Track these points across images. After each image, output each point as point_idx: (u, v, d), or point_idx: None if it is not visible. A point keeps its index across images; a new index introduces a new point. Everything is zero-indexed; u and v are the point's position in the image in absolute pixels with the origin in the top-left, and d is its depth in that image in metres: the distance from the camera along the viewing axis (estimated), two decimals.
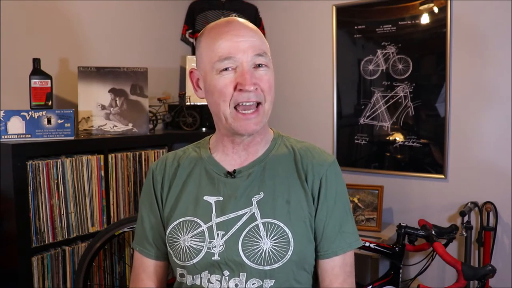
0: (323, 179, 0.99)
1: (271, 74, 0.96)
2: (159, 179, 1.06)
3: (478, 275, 1.58)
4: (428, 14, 2.30)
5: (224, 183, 1.00)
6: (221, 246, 0.94)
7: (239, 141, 1.00)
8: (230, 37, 0.93)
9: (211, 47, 0.94)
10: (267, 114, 0.97)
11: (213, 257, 0.94)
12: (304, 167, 1.00)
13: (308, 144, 1.07)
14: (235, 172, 1.00)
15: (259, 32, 0.99)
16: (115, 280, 1.96)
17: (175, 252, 0.99)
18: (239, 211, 0.96)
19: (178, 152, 1.10)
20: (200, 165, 1.04)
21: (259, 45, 0.95)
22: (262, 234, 0.94)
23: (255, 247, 0.93)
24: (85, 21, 2.24)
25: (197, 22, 2.75)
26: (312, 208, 0.98)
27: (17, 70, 1.93)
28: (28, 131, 1.76)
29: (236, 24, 0.96)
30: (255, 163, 1.01)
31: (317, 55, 2.68)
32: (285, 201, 0.97)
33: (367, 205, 2.41)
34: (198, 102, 2.46)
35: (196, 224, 0.98)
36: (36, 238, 1.68)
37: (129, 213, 2.00)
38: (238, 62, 0.92)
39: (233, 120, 0.94)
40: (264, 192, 0.97)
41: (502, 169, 2.14)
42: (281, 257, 0.93)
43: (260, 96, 0.94)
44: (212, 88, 0.95)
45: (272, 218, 0.95)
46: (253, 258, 0.93)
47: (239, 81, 0.91)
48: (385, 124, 2.47)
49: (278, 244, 0.93)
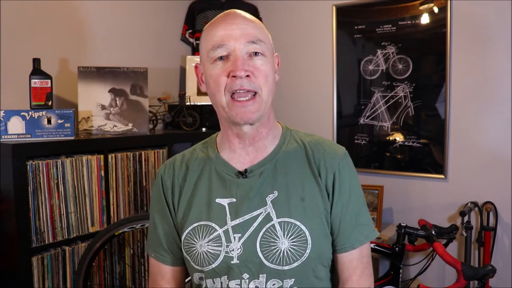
0: (336, 173, 0.98)
1: (267, 64, 0.94)
2: (168, 184, 1.03)
3: (478, 275, 1.58)
4: (428, 14, 2.30)
5: (236, 184, 0.97)
6: (239, 249, 0.93)
7: (243, 134, 0.97)
8: (224, 26, 0.93)
9: (207, 37, 0.95)
10: (265, 103, 0.94)
11: (232, 260, 0.93)
12: (317, 161, 0.99)
13: (318, 137, 1.05)
14: (247, 172, 0.97)
15: (258, 22, 0.98)
16: (115, 280, 1.96)
17: (192, 258, 0.97)
18: (253, 212, 0.95)
19: (186, 154, 1.08)
20: (209, 166, 1.02)
21: (253, 33, 0.93)
22: (279, 234, 0.92)
23: (273, 247, 0.92)
24: (85, 21, 2.24)
25: (197, 22, 2.75)
26: (327, 203, 0.97)
27: (17, 70, 1.93)
28: (28, 131, 1.76)
29: (232, 14, 0.95)
30: (266, 161, 0.99)
31: (317, 55, 2.68)
32: (300, 198, 0.95)
33: (367, 205, 2.39)
34: (198, 102, 2.46)
35: (212, 228, 0.96)
36: (36, 238, 1.68)
37: (129, 213, 2.00)
38: (230, 49, 0.91)
39: (230, 108, 0.92)
40: (278, 190, 0.96)
41: (502, 169, 2.14)
42: (300, 255, 0.92)
43: (254, 85, 0.91)
44: (208, 78, 0.95)
45: (288, 217, 0.93)
46: (272, 259, 0.92)
47: (231, 68, 0.90)
48: (385, 124, 2.47)
49: (296, 243, 0.92)
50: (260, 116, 0.93)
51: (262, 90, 0.92)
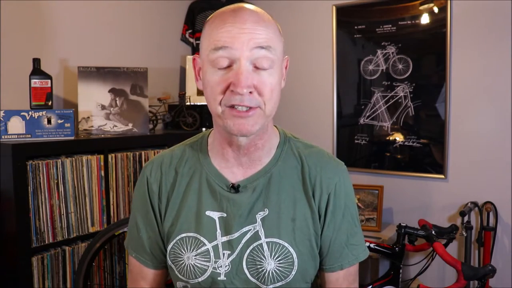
0: (331, 194, 0.94)
1: (275, 76, 0.85)
2: (155, 189, 0.97)
3: (478, 275, 1.58)
4: (428, 14, 2.30)
5: (227, 199, 0.92)
6: (227, 267, 0.91)
7: (236, 143, 0.89)
8: (231, 25, 0.81)
9: (211, 33, 0.84)
10: (267, 117, 0.86)
11: (219, 277, 0.91)
12: (312, 180, 0.94)
13: (317, 149, 0.99)
14: (239, 187, 0.93)
15: (270, 21, 0.86)
16: (115, 280, 1.96)
17: (178, 268, 0.94)
18: (243, 229, 0.92)
19: (174, 154, 1.00)
20: (200, 173, 0.96)
21: (263, 37, 0.82)
22: (266, 255, 0.90)
23: (258, 266, 0.90)
24: (85, 21, 2.24)
25: (197, 22, 2.75)
26: (317, 225, 0.93)
27: (17, 70, 1.93)
28: (28, 131, 1.76)
29: (243, 12, 0.83)
30: (260, 175, 0.93)
31: (317, 55, 2.68)
32: (291, 219, 0.92)
33: (367, 205, 2.41)
34: (198, 102, 2.46)
35: (200, 242, 0.92)
36: (36, 238, 1.68)
37: (129, 213, 2.00)
38: (235, 57, 0.81)
39: (226, 117, 0.83)
40: (269, 208, 0.92)
41: (502, 169, 2.14)
42: (285, 276, 0.90)
43: (257, 101, 0.82)
44: (205, 82, 0.86)
45: (277, 237, 0.90)
46: (257, 277, 0.91)
47: (233, 80, 0.80)
48: (385, 124, 2.47)
49: (282, 264, 0.90)
50: (260, 128, 0.86)
51: (266, 106, 0.84)
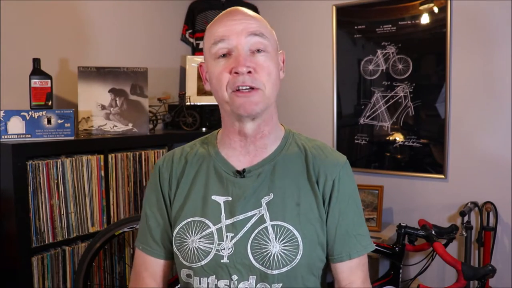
0: (336, 180, 0.96)
1: (270, 61, 0.93)
2: (166, 176, 1.03)
3: (478, 275, 1.58)
4: (428, 14, 2.30)
5: (233, 183, 0.97)
6: (230, 249, 0.92)
7: (245, 132, 0.95)
8: (226, 21, 0.93)
9: (209, 34, 0.95)
10: (268, 98, 0.93)
11: (222, 259, 0.92)
12: (316, 168, 0.97)
13: (320, 143, 1.04)
14: (245, 172, 0.97)
15: (261, 18, 0.97)
16: (115, 280, 1.96)
17: (182, 253, 0.96)
18: (248, 213, 0.94)
19: (186, 147, 1.08)
20: (208, 162, 1.01)
21: (255, 26, 0.92)
22: (271, 237, 0.92)
23: (264, 250, 0.91)
24: (85, 21, 2.24)
25: (197, 22, 2.75)
26: (322, 211, 0.95)
27: (17, 70, 1.93)
28: (28, 131, 1.76)
29: (234, 11, 0.96)
30: (265, 162, 0.98)
31: (317, 55, 2.68)
32: (295, 203, 0.94)
33: (367, 205, 2.41)
34: (198, 102, 2.46)
35: (205, 225, 0.95)
36: (36, 238, 1.68)
37: (129, 213, 2.00)
38: (232, 45, 0.91)
39: (233, 100, 0.91)
40: (274, 193, 0.95)
41: (502, 169, 2.14)
42: (290, 261, 0.91)
43: (257, 82, 0.90)
44: (211, 75, 0.94)
45: (282, 220, 0.93)
46: (262, 261, 0.91)
47: (233, 64, 0.89)
48: (385, 124, 2.47)
49: (287, 247, 0.91)
50: (263, 108, 0.92)
51: (266, 87, 0.91)
